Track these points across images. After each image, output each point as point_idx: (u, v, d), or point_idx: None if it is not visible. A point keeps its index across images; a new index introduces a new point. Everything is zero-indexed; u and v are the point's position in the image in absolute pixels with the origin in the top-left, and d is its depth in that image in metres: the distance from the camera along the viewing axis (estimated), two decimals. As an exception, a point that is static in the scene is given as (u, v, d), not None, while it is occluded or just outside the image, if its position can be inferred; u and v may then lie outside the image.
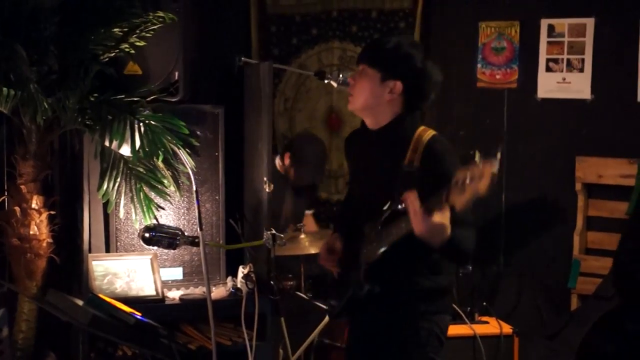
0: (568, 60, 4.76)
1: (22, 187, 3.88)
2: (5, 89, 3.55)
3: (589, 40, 4.69)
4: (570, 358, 3.92)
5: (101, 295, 3.33)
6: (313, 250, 4.38)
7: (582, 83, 4.72)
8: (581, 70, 4.73)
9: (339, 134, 5.41)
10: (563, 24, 4.76)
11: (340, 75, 3.79)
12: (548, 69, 4.83)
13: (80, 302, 3.07)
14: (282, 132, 5.48)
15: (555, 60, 4.80)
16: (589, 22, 4.67)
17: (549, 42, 4.81)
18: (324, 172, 5.17)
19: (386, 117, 2.89)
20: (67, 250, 4.15)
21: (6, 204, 3.97)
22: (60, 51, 3.81)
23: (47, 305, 3.10)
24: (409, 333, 2.87)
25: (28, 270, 3.91)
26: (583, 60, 4.72)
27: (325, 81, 3.81)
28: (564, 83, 4.79)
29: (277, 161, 4.87)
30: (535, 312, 4.86)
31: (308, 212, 5.15)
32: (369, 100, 2.87)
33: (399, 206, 2.67)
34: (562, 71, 4.79)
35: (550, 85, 4.83)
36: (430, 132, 2.87)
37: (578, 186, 4.73)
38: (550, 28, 4.79)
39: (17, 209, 3.88)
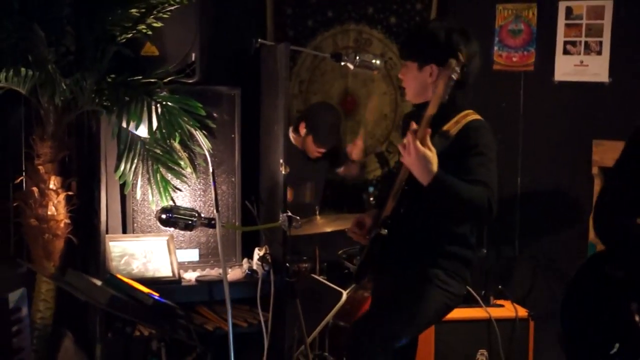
0: (586, 42, 4.73)
1: (40, 167, 3.89)
2: (23, 70, 3.56)
3: (607, 23, 4.65)
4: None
5: (119, 276, 3.35)
6: (328, 229, 4.40)
7: (600, 66, 4.69)
8: (599, 53, 4.69)
9: (354, 116, 5.40)
10: (581, 6, 4.72)
11: (357, 57, 3.78)
12: (565, 52, 4.79)
13: (98, 283, 3.09)
14: (296, 114, 5.47)
15: (573, 43, 4.77)
16: (608, 5, 4.63)
17: (566, 25, 4.77)
18: (341, 137, 5.12)
19: None
20: (84, 231, 4.17)
21: (24, 184, 4.00)
22: (78, 32, 3.83)
23: (66, 285, 3.12)
24: (424, 278, 3.06)
25: (46, 250, 3.93)
26: (601, 43, 4.68)
27: (342, 63, 3.80)
28: (582, 66, 4.75)
29: (292, 134, 4.84)
30: (550, 296, 4.85)
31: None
32: (417, 89, 3.14)
33: None
34: (579, 54, 4.75)
35: (568, 68, 4.80)
36: (477, 116, 3.09)
37: (594, 170, 4.71)
38: (568, 10, 4.76)
39: (35, 189, 3.90)
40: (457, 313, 3.55)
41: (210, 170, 3.80)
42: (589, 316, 3.04)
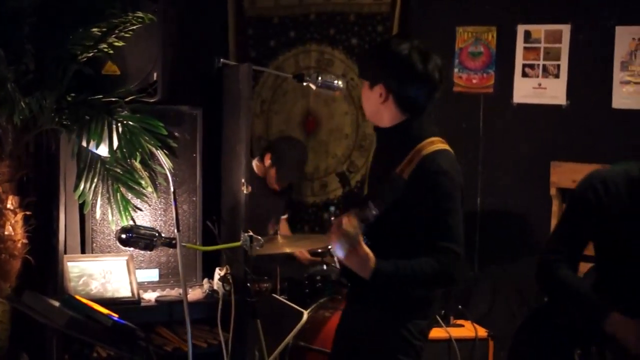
0: (544, 66, 4.80)
1: (-2, 187, 3.85)
2: (-19, 89, 3.52)
3: (564, 46, 4.73)
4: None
5: (77, 297, 3.31)
6: (287, 250, 4.41)
7: (558, 89, 4.76)
8: (557, 76, 4.77)
9: (315, 136, 5.42)
10: (539, 30, 4.80)
11: (319, 78, 3.80)
12: (524, 75, 4.86)
13: (56, 304, 3.05)
14: (258, 134, 5.48)
15: (531, 66, 4.84)
16: (565, 29, 4.72)
17: (525, 48, 4.85)
18: (303, 173, 5.20)
19: (390, 123, 2.91)
20: (42, 251, 4.11)
21: (-19, 204, 3.94)
22: (38, 50, 3.79)
23: (22, 307, 3.07)
24: (381, 334, 2.89)
25: (3, 271, 3.87)
26: (559, 66, 4.76)
27: (304, 83, 3.82)
28: (540, 89, 4.82)
29: (256, 162, 4.87)
30: (509, 315, 4.89)
31: (282, 217, 5.17)
32: (369, 109, 2.94)
33: (374, 211, 2.61)
34: (538, 77, 4.83)
35: (526, 90, 4.87)
36: (436, 147, 2.83)
37: (553, 191, 4.77)
38: (527, 34, 4.83)
39: (-8, 209, 3.85)
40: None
41: (172, 189, 3.79)
42: None
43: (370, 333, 2.93)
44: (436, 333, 4.22)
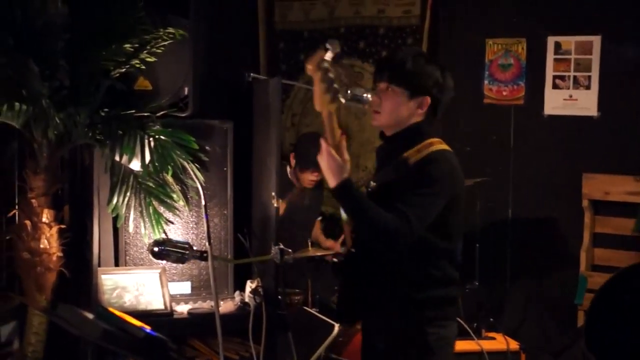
0: (575, 77, 4.79)
1: (33, 201, 3.90)
2: (17, 104, 3.58)
3: (595, 57, 4.72)
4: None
5: (111, 309, 3.35)
6: (319, 253, 4.42)
7: (589, 100, 4.75)
8: (588, 87, 4.75)
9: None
10: (570, 41, 4.79)
11: (349, 91, 3.80)
12: (555, 86, 4.85)
13: (90, 316, 3.09)
14: (289, 147, 5.50)
15: (562, 77, 4.83)
16: (596, 40, 4.70)
17: (555, 59, 4.84)
18: None
19: (406, 125, 2.96)
20: (76, 264, 4.17)
21: (17, 217, 4.01)
22: (72, 66, 3.85)
23: (57, 319, 3.10)
24: (418, 338, 2.87)
25: (38, 283, 3.93)
26: (590, 77, 4.74)
27: (334, 97, 3.82)
28: (571, 100, 4.81)
29: (288, 169, 4.86)
30: (541, 328, 4.86)
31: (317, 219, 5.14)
32: (399, 117, 2.94)
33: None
34: (568, 88, 4.81)
35: (557, 102, 4.85)
36: (442, 146, 2.92)
37: (585, 203, 4.74)
38: (557, 45, 4.82)
39: (27, 222, 3.91)
40: (449, 346, 3.55)
41: (203, 203, 3.82)
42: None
43: (397, 347, 2.90)
44: (468, 345, 4.21)
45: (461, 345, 4.18)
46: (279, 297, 3.73)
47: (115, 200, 3.86)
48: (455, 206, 2.85)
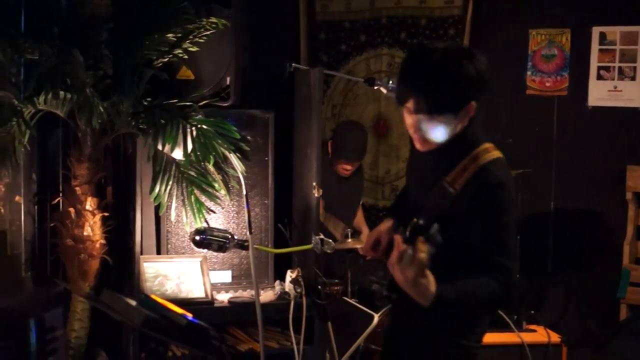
0: (620, 68, 4.73)
1: (77, 188, 3.95)
2: (62, 93, 3.62)
3: (641, 48, 4.66)
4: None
5: (153, 296, 3.38)
6: (358, 245, 4.41)
7: (634, 91, 4.69)
8: (633, 78, 4.69)
9: (386, 140, 5.43)
10: (615, 31, 4.73)
11: (390, 82, 3.80)
12: (599, 77, 4.80)
13: (133, 303, 3.12)
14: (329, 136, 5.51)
15: (607, 68, 4.77)
16: (642, 30, 4.65)
17: (600, 50, 4.78)
18: (363, 154, 5.04)
19: (451, 136, 2.64)
20: (119, 252, 4.22)
21: (61, 205, 4.06)
22: (115, 56, 3.89)
23: (101, 305, 3.15)
24: (441, 348, 2.74)
25: (82, 270, 3.98)
26: (635, 68, 4.68)
27: (375, 87, 3.83)
28: (615, 91, 4.75)
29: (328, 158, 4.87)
30: (582, 321, 4.82)
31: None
32: (450, 135, 2.61)
33: (420, 222, 2.34)
34: (613, 79, 4.75)
35: (601, 93, 4.80)
36: (492, 155, 2.62)
37: (628, 195, 4.69)
38: (602, 36, 4.76)
39: (71, 210, 3.96)
40: (489, 338, 3.50)
41: (244, 192, 3.85)
42: None
43: (427, 348, 2.76)
44: (508, 338, 4.19)
45: (502, 338, 4.17)
46: (319, 287, 3.73)
47: (157, 189, 3.89)
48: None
